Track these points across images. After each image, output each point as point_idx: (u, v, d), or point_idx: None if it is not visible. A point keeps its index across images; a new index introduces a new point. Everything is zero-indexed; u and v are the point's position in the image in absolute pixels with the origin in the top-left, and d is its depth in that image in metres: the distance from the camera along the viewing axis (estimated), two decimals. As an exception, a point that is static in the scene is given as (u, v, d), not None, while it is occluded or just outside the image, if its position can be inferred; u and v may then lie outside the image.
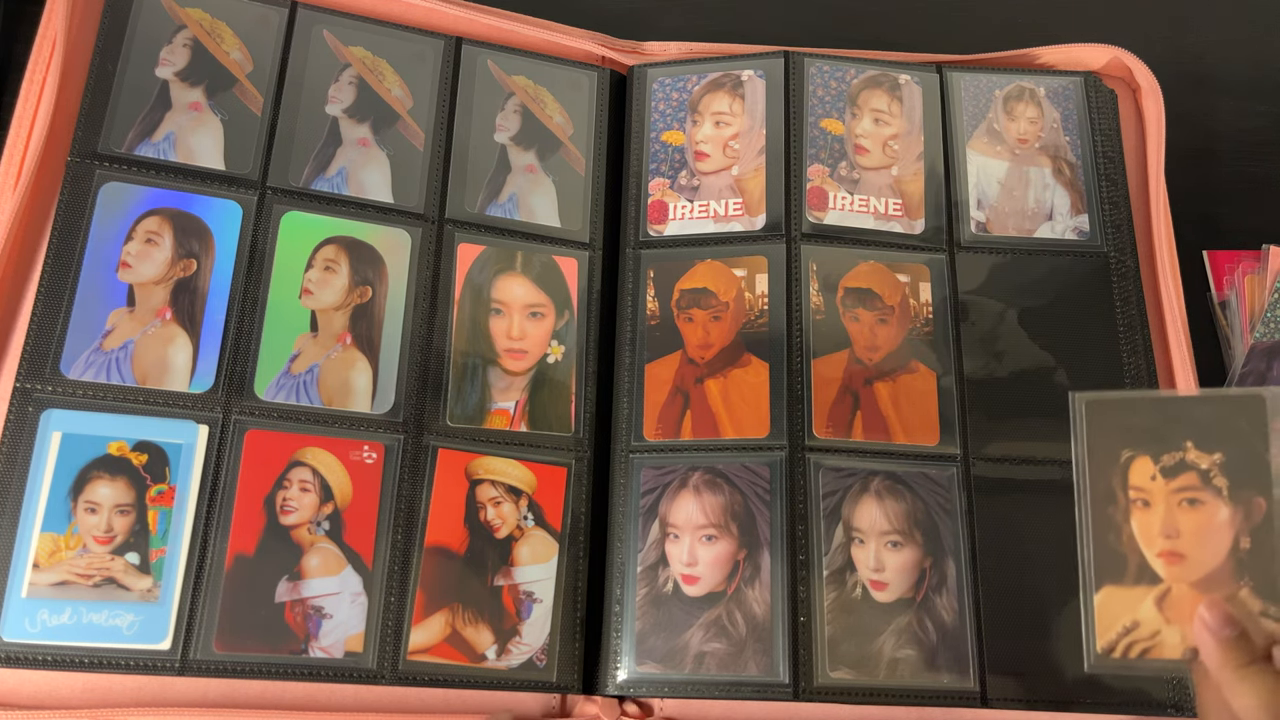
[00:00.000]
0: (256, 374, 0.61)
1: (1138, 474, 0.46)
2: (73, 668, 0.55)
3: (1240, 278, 0.73)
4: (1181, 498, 0.46)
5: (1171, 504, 0.46)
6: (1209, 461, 0.46)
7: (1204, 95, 0.80)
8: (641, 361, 0.65)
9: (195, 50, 0.66)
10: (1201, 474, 0.46)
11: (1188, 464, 0.46)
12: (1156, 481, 0.46)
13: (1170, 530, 0.46)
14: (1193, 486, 0.46)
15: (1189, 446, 0.46)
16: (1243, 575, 0.45)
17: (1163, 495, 0.46)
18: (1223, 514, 0.46)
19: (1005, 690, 0.59)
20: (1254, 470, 0.45)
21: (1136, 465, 0.46)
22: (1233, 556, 0.45)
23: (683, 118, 0.71)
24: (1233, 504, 0.45)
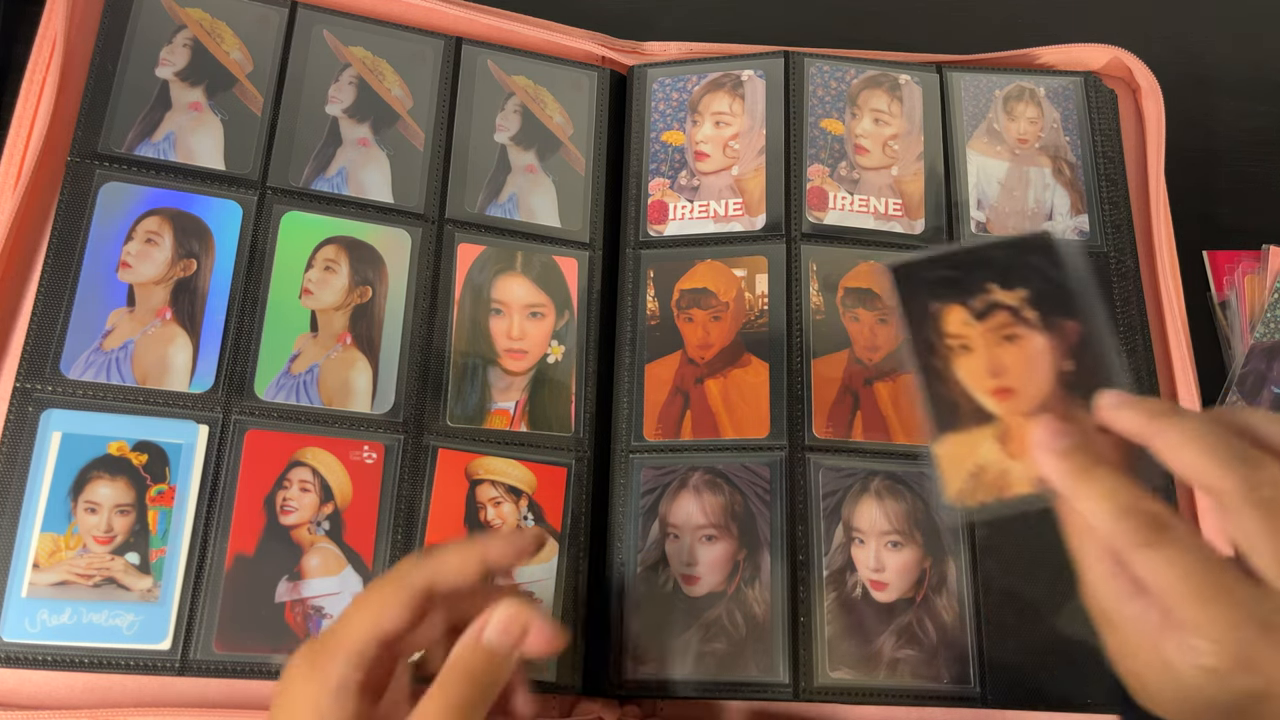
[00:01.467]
0: (256, 374, 0.61)
1: (953, 322, 0.47)
2: (73, 668, 0.54)
3: (1240, 278, 0.73)
4: (999, 335, 0.47)
5: (990, 343, 0.47)
6: (1015, 298, 0.47)
7: (1204, 95, 0.80)
8: (641, 361, 0.65)
9: (195, 50, 0.66)
10: (1011, 310, 0.47)
11: (996, 303, 0.47)
12: (972, 326, 0.47)
13: (995, 368, 0.46)
14: (1007, 323, 0.47)
15: (993, 288, 0.47)
16: (1073, 396, 0.46)
17: (980, 337, 0.47)
18: (1039, 343, 0.46)
19: (1005, 690, 0.59)
20: (1059, 298, 0.47)
21: (949, 314, 0.47)
22: (1059, 381, 0.46)
23: (683, 118, 0.71)
24: (1047, 331, 0.46)
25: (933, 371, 0.46)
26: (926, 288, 0.47)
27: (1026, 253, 0.47)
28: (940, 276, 0.47)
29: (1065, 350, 0.46)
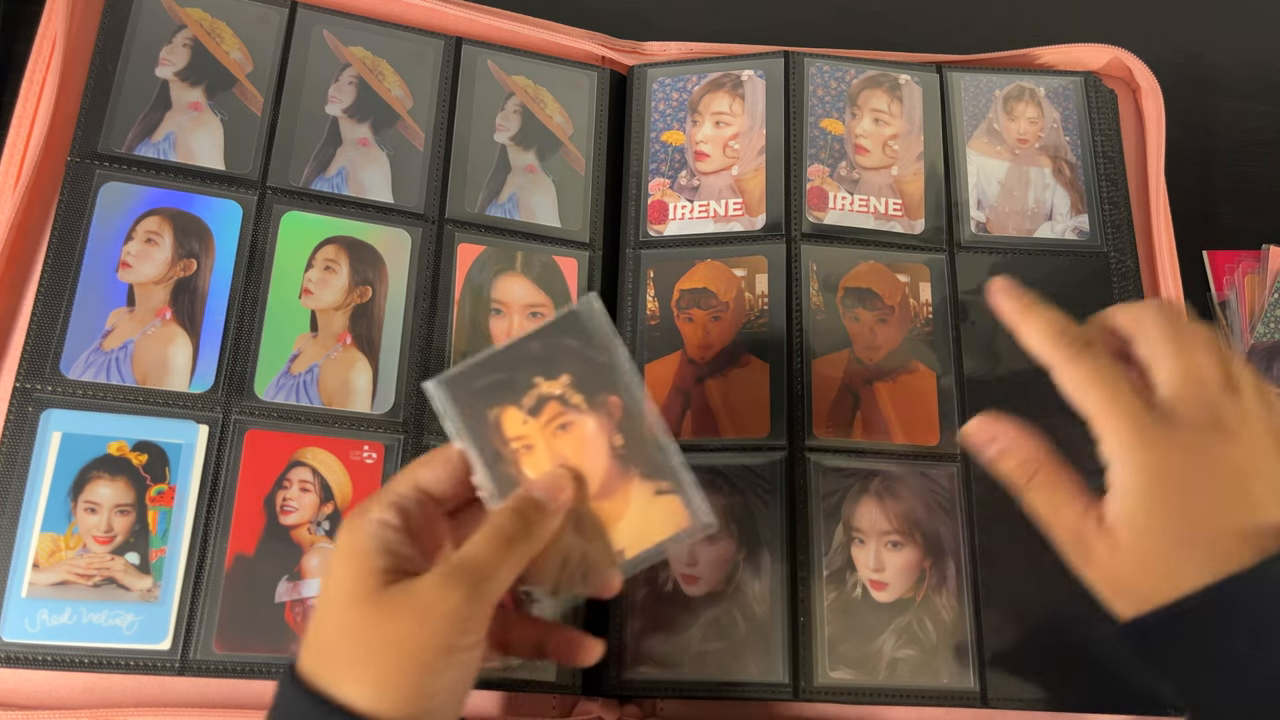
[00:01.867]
0: (256, 374, 0.61)
1: (510, 425, 0.48)
2: (73, 668, 0.55)
3: (1240, 278, 0.73)
4: (553, 427, 0.49)
5: (548, 437, 0.48)
6: (561, 386, 0.49)
7: (1204, 95, 0.80)
8: (641, 361, 0.65)
9: (195, 50, 0.66)
10: (559, 399, 0.49)
11: (545, 396, 0.49)
12: (528, 424, 0.48)
13: (556, 458, 0.48)
14: (558, 414, 0.49)
15: (539, 381, 0.49)
16: (629, 468, 0.49)
17: (538, 433, 0.48)
18: (590, 425, 0.49)
19: (1005, 690, 0.59)
20: (598, 375, 0.49)
21: (506, 418, 0.48)
22: (614, 456, 0.49)
23: (683, 118, 0.71)
24: (594, 412, 0.49)
25: (507, 481, 0.48)
26: (480, 395, 0.48)
27: (562, 336, 0.49)
28: (490, 382, 0.49)
29: (614, 426, 0.49)
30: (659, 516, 0.49)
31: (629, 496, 0.49)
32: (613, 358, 0.49)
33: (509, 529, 0.45)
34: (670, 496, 0.49)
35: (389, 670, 0.42)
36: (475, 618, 0.43)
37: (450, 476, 0.48)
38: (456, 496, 0.48)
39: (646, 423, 0.49)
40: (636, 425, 0.49)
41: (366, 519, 0.45)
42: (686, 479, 0.49)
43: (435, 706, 0.43)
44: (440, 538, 0.48)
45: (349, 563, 0.44)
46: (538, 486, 0.47)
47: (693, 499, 0.49)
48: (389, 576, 0.43)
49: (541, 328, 0.49)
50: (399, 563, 0.44)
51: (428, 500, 0.47)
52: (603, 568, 0.49)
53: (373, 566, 0.44)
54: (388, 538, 0.44)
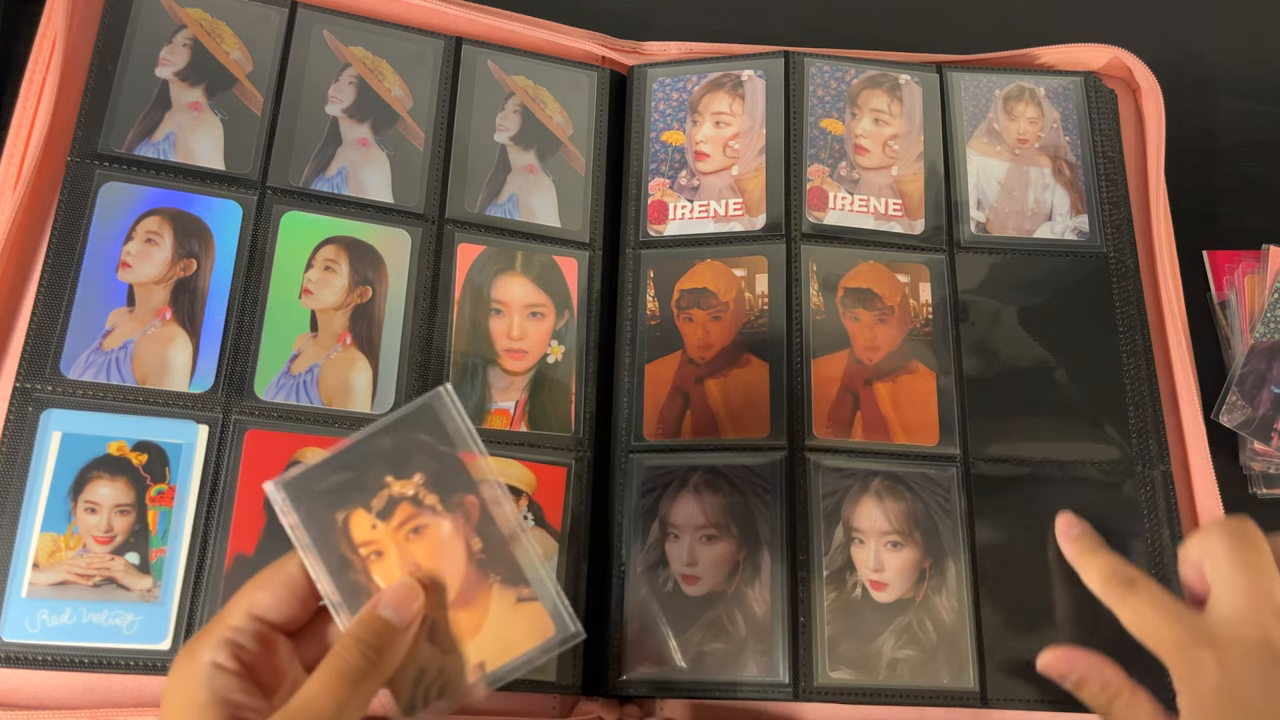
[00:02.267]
0: (256, 374, 0.61)
1: (359, 529, 0.45)
2: (73, 668, 0.54)
3: (1240, 278, 0.73)
4: (406, 531, 0.45)
5: (400, 541, 0.45)
6: (413, 486, 0.46)
7: (1204, 95, 0.80)
8: (641, 361, 0.65)
9: (195, 50, 0.66)
10: (412, 500, 0.46)
11: (396, 497, 0.46)
12: (378, 528, 0.45)
13: (409, 565, 0.45)
14: (411, 516, 0.46)
15: (389, 481, 0.46)
16: (488, 573, 0.46)
17: (389, 537, 0.45)
18: (446, 527, 0.46)
19: (1005, 690, 0.59)
20: (453, 473, 0.46)
21: (354, 522, 0.45)
22: (472, 561, 0.46)
23: (683, 118, 0.71)
24: (450, 513, 0.46)
25: (355, 589, 0.45)
26: (326, 498, 0.45)
27: (414, 431, 0.46)
28: (336, 483, 0.45)
29: (472, 528, 0.46)
30: (522, 625, 0.46)
31: (488, 605, 0.46)
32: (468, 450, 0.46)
33: (353, 664, 0.42)
34: (533, 604, 0.46)
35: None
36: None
37: (291, 596, 0.44)
38: (299, 618, 0.45)
39: (507, 524, 0.46)
40: (495, 528, 0.46)
41: (197, 663, 0.42)
42: (549, 584, 0.47)
43: None
44: (283, 669, 0.44)
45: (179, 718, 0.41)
46: (385, 600, 0.44)
47: (556, 606, 0.46)
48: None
49: (391, 421, 0.46)
50: (236, 713, 0.41)
51: (266, 630, 0.44)
52: (462, 682, 0.45)
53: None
54: (221, 685, 0.41)
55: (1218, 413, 0.69)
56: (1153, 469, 0.63)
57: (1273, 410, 0.68)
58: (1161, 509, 0.63)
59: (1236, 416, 0.69)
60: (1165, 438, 0.64)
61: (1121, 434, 0.64)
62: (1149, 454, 0.64)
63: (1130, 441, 0.64)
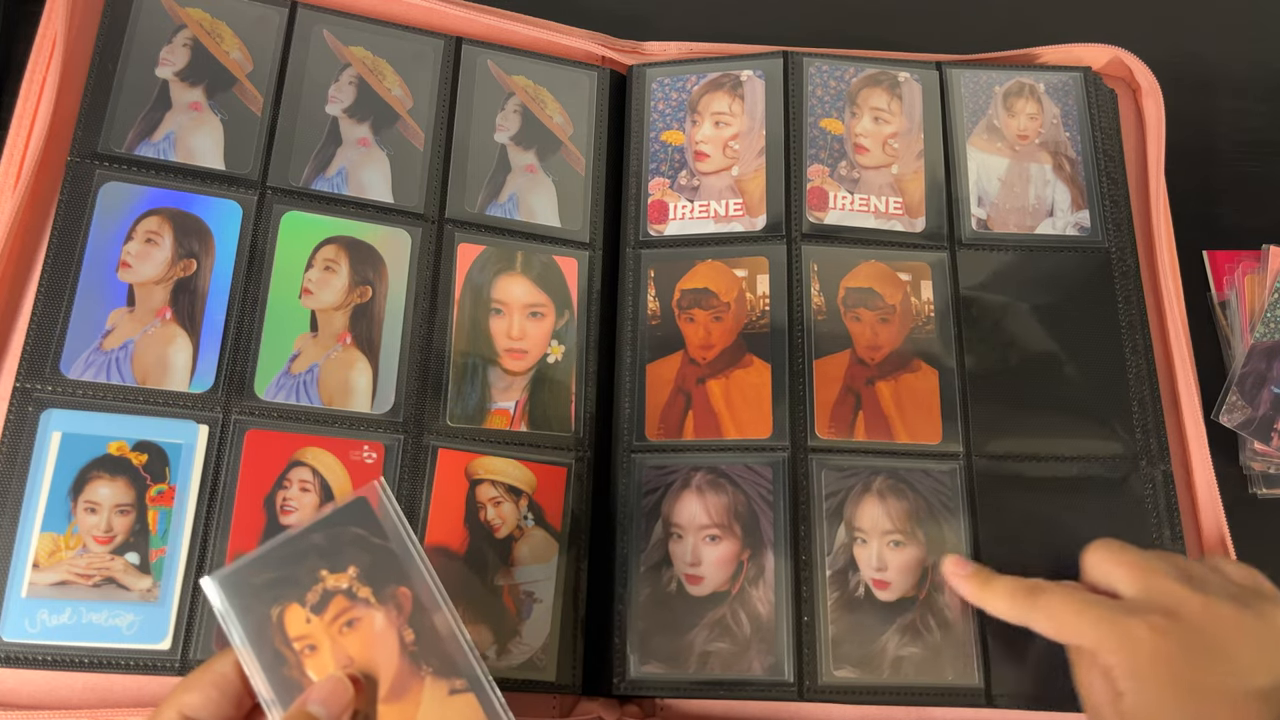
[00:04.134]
0: (256, 374, 0.60)
1: (293, 624, 0.45)
2: (73, 668, 0.54)
3: (1240, 278, 0.73)
4: (339, 625, 0.46)
5: (334, 635, 0.46)
6: (347, 579, 0.46)
7: (1204, 95, 0.81)
8: (642, 361, 0.65)
9: (195, 50, 0.65)
10: (346, 593, 0.46)
11: (330, 590, 0.46)
12: (313, 622, 0.45)
13: (342, 659, 0.45)
14: (344, 609, 0.46)
15: (324, 575, 0.46)
16: (420, 665, 0.46)
17: (323, 632, 0.46)
18: (379, 620, 0.46)
19: (1009, 689, 0.59)
20: (386, 565, 0.46)
21: (289, 616, 0.45)
22: (405, 653, 0.46)
23: (682, 118, 0.71)
24: (383, 605, 0.46)
25: (288, 685, 0.45)
26: (260, 591, 0.46)
27: (347, 524, 0.46)
28: (271, 578, 0.46)
29: (404, 620, 0.46)
30: (454, 718, 0.46)
31: (420, 698, 0.46)
32: (402, 546, 0.46)
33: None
34: (465, 695, 0.46)
35: None
36: None
37: (222, 696, 0.44)
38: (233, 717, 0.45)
39: (439, 616, 0.46)
40: (428, 618, 0.46)
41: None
42: (482, 677, 0.46)
43: None
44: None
45: None
46: (315, 697, 0.44)
47: (489, 699, 0.46)
48: None
49: (325, 516, 0.47)
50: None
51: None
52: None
53: None
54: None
55: (1218, 413, 0.69)
56: (1154, 468, 0.63)
57: (1273, 410, 0.68)
58: (1162, 509, 0.63)
59: (1236, 416, 0.69)
60: (1166, 437, 0.64)
61: (1125, 430, 0.64)
62: (1150, 452, 0.64)
63: (1132, 438, 0.64)
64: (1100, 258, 0.68)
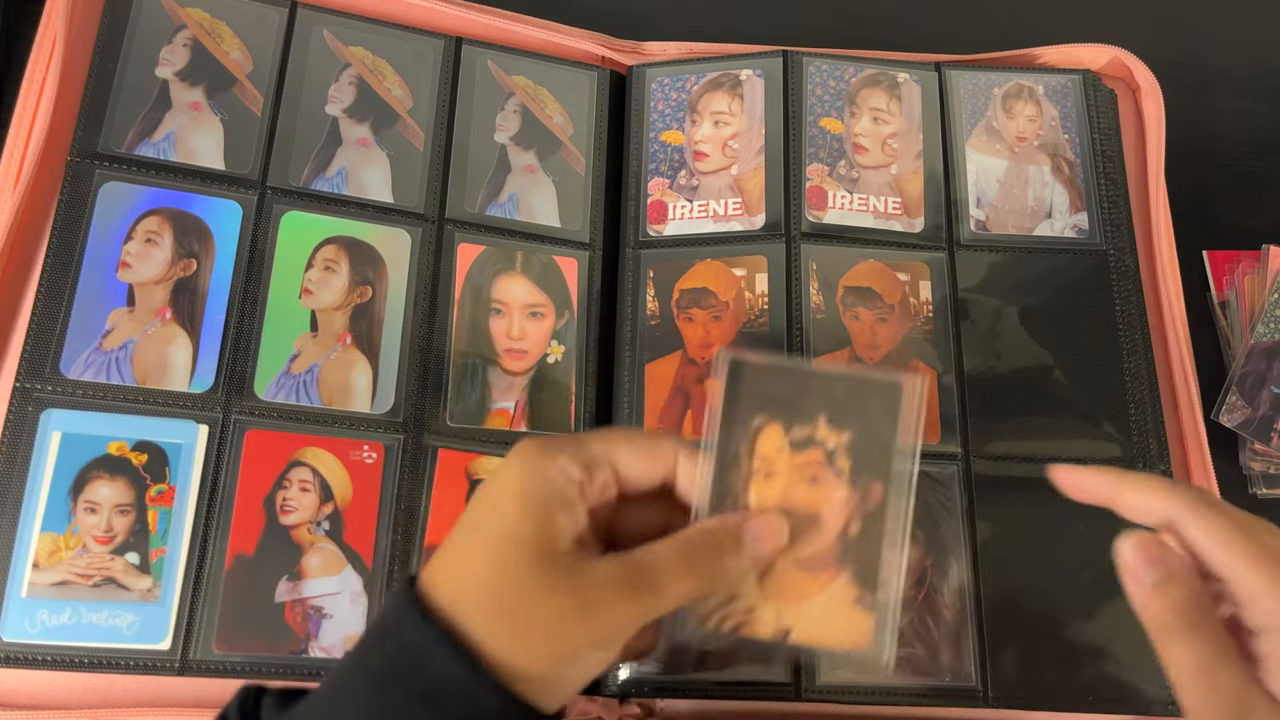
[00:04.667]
0: (256, 374, 0.61)
1: (767, 443, 0.45)
2: (73, 668, 0.54)
3: (1240, 278, 0.73)
4: (804, 473, 0.45)
5: (793, 478, 0.45)
6: (836, 440, 0.45)
7: (1204, 95, 0.80)
8: (642, 361, 0.65)
9: (195, 50, 0.66)
10: (827, 452, 0.45)
11: (816, 440, 0.45)
12: (783, 454, 0.45)
13: (786, 503, 0.45)
14: (816, 463, 0.45)
15: (820, 422, 0.45)
16: (847, 558, 0.45)
17: (786, 468, 0.45)
18: (840, 495, 0.45)
19: (1007, 689, 0.59)
20: (877, 455, 0.45)
21: (767, 433, 0.45)
22: (841, 539, 0.45)
23: (682, 117, 0.71)
24: (851, 485, 0.45)
25: (726, 487, 0.45)
26: (758, 396, 0.45)
27: (871, 396, 0.45)
28: (776, 390, 0.45)
29: (861, 512, 0.45)
30: (843, 623, 0.44)
31: (827, 585, 0.45)
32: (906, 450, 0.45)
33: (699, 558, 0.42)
34: (866, 613, 0.44)
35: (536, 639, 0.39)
36: (632, 629, 0.41)
37: (654, 469, 0.44)
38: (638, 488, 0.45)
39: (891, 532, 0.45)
40: (880, 527, 0.45)
41: (554, 465, 0.41)
42: (893, 610, 0.44)
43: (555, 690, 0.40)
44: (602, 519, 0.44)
45: (529, 509, 0.41)
46: (753, 526, 0.43)
47: (885, 631, 0.44)
48: (570, 543, 0.41)
49: (857, 377, 0.45)
50: (575, 529, 0.41)
51: (611, 476, 0.43)
52: (760, 629, 0.44)
53: (555, 525, 0.40)
54: (571, 496, 0.41)
55: (1218, 413, 0.69)
56: (1152, 468, 0.63)
57: (1273, 410, 0.68)
58: (1162, 508, 0.63)
59: (1236, 416, 0.69)
60: (1165, 437, 0.64)
61: (1122, 432, 0.64)
62: (1149, 453, 0.64)
63: (1130, 439, 0.64)
64: (1097, 260, 0.68)
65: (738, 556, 0.43)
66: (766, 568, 0.44)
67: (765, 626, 0.44)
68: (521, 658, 0.39)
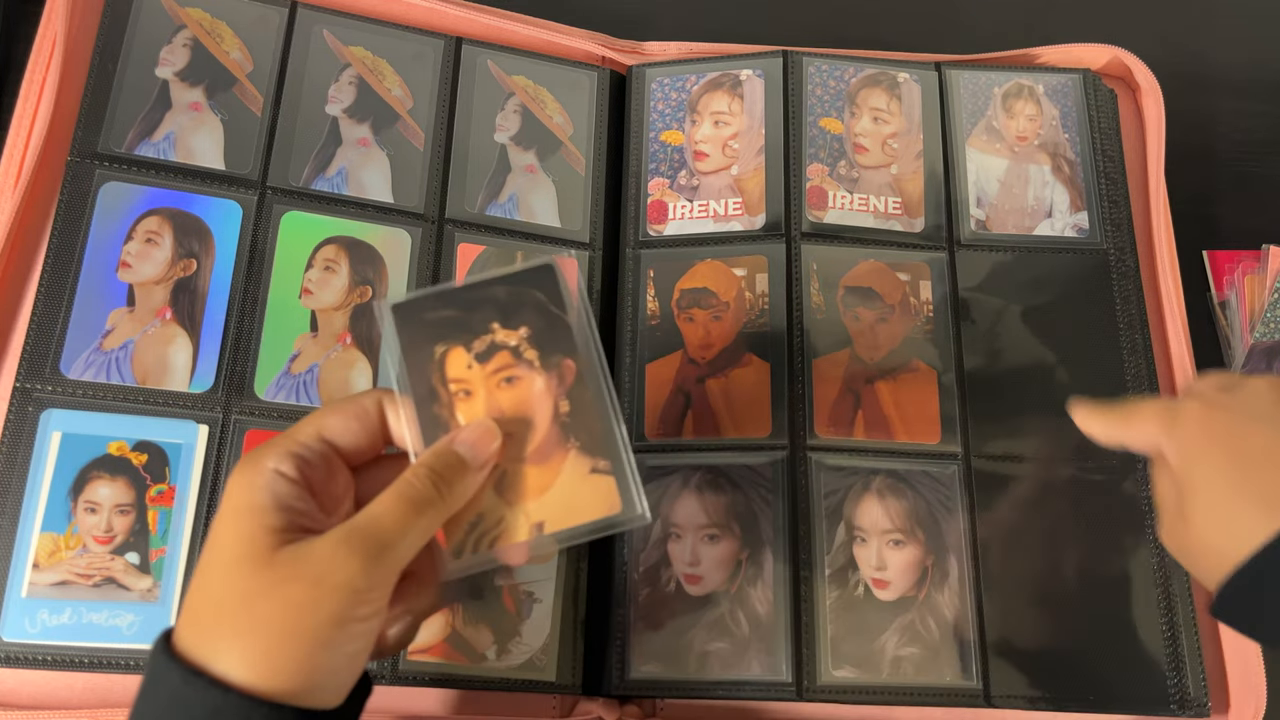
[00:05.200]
0: (256, 374, 0.61)
1: (454, 366, 0.46)
2: (73, 668, 0.54)
3: (1240, 278, 0.73)
4: (499, 378, 0.46)
5: (491, 387, 0.46)
6: (517, 338, 0.46)
7: (1204, 95, 0.81)
8: (642, 361, 0.65)
9: (195, 50, 0.66)
10: (512, 350, 0.46)
11: (498, 344, 0.46)
12: (473, 369, 0.46)
13: (494, 411, 0.46)
14: (507, 365, 0.46)
15: (495, 328, 0.46)
16: (569, 437, 0.46)
17: (481, 381, 0.46)
18: (539, 384, 0.46)
19: (1008, 688, 0.59)
20: (558, 335, 0.47)
21: (451, 357, 0.46)
22: (556, 422, 0.46)
23: (682, 117, 0.71)
24: (546, 372, 0.46)
25: (435, 421, 0.45)
26: (430, 328, 0.46)
27: (529, 287, 0.47)
28: (444, 317, 0.46)
29: (563, 391, 0.46)
30: (589, 496, 0.46)
31: (561, 468, 0.46)
32: (578, 321, 0.47)
33: (422, 492, 0.42)
34: (606, 478, 0.46)
35: (275, 641, 0.39)
36: (376, 588, 0.40)
37: (361, 430, 0.44)
38: (363, 452, 0.45)
39: (598, 398, 0.46)
40: (587, 396, 0.46)
41: (260, 469, 0.41)
42: (628, 464, 0.46)
43: (323, 680, 0.40)
44: (341, 495, 0.44)
45: (238, 519, 0.40)
46: (463, 437, 0.44)
47: (629, 486, 0.46)
48: (283, 536, 0.40)
49: (510, 273, 0.47)
50: (295, 520, 0.41)
51: (331, 454, 0.44)
52: (516, 535, 0.45)
53: (265, 524, 0.40)
54: (283, 491, 0.41)
55: (1218, 412, 0.69)
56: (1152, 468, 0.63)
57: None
58: (1163, 508, 0.63)
59: (1237, 416, 0.69)
60: (1166, 437, 0.64)
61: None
62: (1150, 452, 0.64)
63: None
64: (1098, 259, 0.68)
65: (461, 471, 0.43)
66: (499, 477, 0.45)
67: (520, 531, 0.45)
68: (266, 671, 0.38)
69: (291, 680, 0.39)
